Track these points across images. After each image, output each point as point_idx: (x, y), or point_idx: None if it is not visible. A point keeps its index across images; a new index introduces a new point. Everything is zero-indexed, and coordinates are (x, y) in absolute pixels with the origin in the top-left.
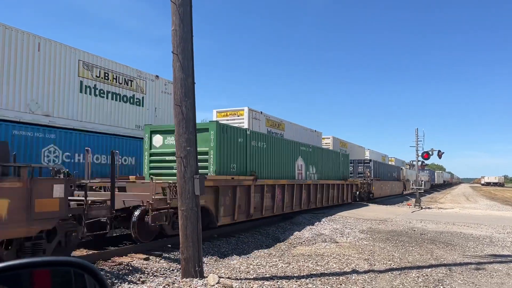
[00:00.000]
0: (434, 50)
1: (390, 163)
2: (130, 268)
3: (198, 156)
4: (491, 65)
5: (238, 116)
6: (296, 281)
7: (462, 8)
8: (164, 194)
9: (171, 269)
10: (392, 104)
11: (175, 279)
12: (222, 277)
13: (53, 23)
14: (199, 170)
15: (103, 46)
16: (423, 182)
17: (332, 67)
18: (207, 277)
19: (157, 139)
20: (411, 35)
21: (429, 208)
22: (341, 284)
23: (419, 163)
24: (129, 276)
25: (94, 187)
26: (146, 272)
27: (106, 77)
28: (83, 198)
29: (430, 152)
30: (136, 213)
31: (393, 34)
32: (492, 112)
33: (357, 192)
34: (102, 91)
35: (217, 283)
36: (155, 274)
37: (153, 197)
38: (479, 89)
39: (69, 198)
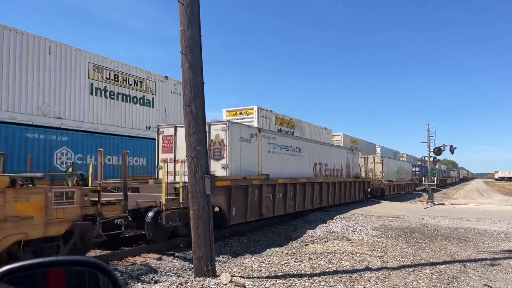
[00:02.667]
0: (446, 45)
1: (401, 159)
2: (144, 268)
3: None
4: (504, 58)
5: (248, 115)
6: (309, 279)
7: (479, 2)
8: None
9: (184, 268)
10: (404, 101)
11: (188, 278)
12: (235, 276)
13: (62, 25)
14: None
15: (113, 48)
16: (455, 178)
17: (343, 65)
18: (219, 276)
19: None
20: (422, 31)
21: (442, 204)
22: (354, 282)
23: (431, 159)
24: (143, 276)
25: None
26: (160, 271)
27: (116, 79)
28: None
29: (442, 148)
30: (150, 213)
31: (403, 31)
32: (505, 105)
33: (369, 190)
34: (112, 93)
35: (229, 282)
36: (168, 273)
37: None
38: (491, 83)
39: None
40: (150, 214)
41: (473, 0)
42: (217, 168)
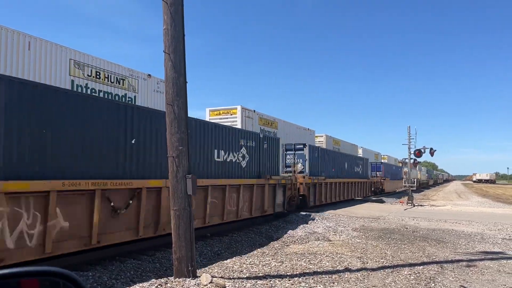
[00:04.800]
0: (425, 49)
1: (383, 160)
2: (124, 267)
3: None
4: (483, 62)
5: (231, 114)
6: (289, 280)
7: (453, 9)
8: None
9: (164, 268)
10: (386, 103)
11: (168, 278)
12: (215, 277)
13: (45, 23)
14: None
15: (95, 45)
16: (441, 179)
17: (326, 66)
18: (200, 276)
19: None
20: (402, 34)
21: (421, 205)
22: (333, 283)
23: (412, 161)
24: (122, 276)
25: None
26: (139, 271)
27: (98, 76)
28: None
29: (422, 150)
30: None
31: (384, 33)
32: (484, 109)
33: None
34: (94, 90)
35: (210, 283)
36: (148, 274)
37: None
38: (471, 86)
39: None
40: None
41: (451, 7)
42: None
